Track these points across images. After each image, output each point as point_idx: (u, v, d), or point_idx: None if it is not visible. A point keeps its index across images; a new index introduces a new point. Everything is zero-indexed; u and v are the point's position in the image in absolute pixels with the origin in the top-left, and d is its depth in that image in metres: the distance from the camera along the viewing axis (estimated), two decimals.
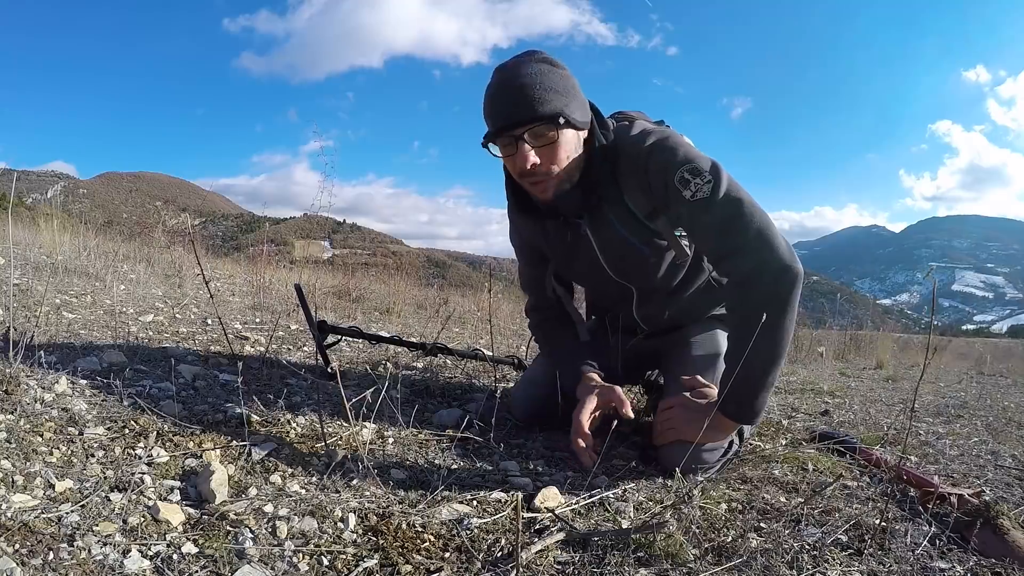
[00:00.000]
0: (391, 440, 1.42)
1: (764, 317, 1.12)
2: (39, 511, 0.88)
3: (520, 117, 1.18)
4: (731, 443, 1.36)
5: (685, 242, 1.40)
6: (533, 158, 1.21)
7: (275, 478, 1.12)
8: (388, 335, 2.22)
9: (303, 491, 1.09)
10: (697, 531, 1.06)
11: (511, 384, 2.18)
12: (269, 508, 1.00)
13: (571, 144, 1.24)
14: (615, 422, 1.25)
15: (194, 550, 0.87)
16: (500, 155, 1.27)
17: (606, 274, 1.48)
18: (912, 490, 1.31)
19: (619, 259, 1.44)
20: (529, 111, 1.18)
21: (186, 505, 0.98)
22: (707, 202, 1.21)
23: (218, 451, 1.19)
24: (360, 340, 2.17)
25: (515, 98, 1.18)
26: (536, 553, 0.95)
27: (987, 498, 1.21)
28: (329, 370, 1.78)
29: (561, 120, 1.18)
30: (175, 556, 0.85)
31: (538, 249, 1.56)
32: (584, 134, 1.28)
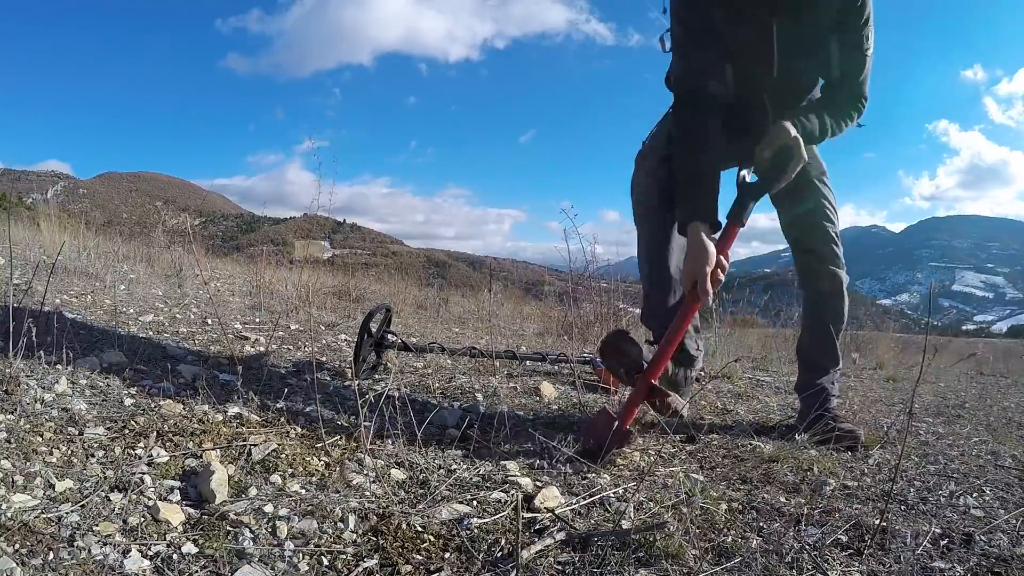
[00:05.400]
0: (391, 440, 1.42)
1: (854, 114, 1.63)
2: (39, 511, 0.88)
3: None
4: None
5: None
6: None
7: (275, 478, 1.12)
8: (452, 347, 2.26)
9: (303, 491, 1.09)
10: (697, 531, 1.06)
11: (509, 383, 2.19)
12: (269, 508, 1.00)
13: None
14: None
15: (194, 550, 0.87)
16: None
17: (771, 65, 1.60)
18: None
19: (789, 52, 1.58)
20: None
21: (186, 505, 0.98)
22: (867, 63, 1.59)
23: (218, 451, 1.19)
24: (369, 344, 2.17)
25: None
26: (536, 553, 0.95)
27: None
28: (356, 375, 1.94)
29: None
30: (175, 556, 0.85)
31: (719, 35, 1.60)
32: None
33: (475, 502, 1.13)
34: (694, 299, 1.46)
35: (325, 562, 0.89)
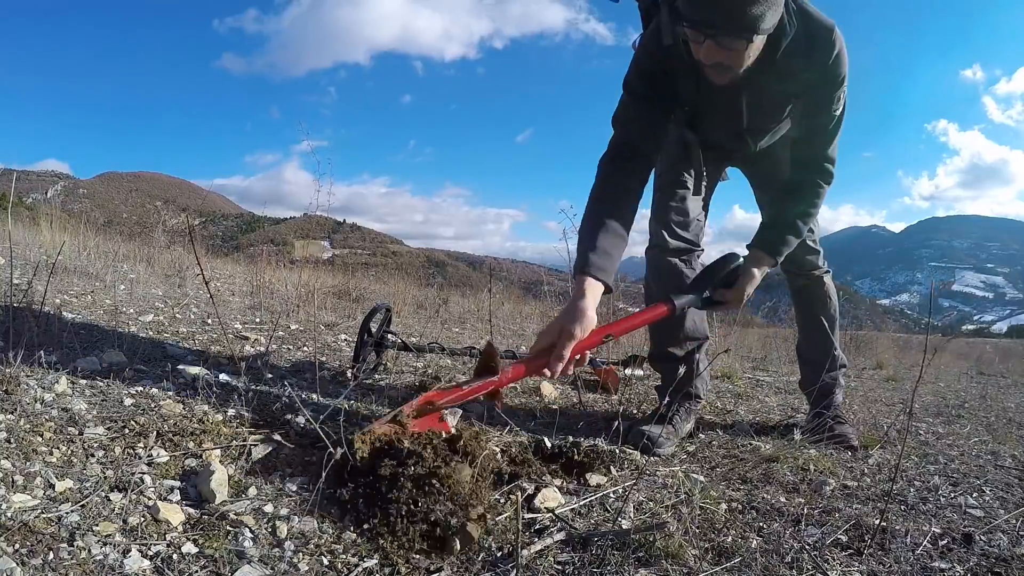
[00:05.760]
0: None
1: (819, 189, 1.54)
2: (39, 511, 0.88)
3: (715, 25, 1.23)
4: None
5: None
6: (717, 57, 1.29)
7: (275, 478, 1.12)
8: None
9: (303, 491, 1.09)
10: (697, 531, 1.06)
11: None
12: (269, 508, 1.00)
13: (756, 47, 1.31)
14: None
15: (194, 550, 0.87)
16: (688, 36, 1.32)
17: (740, 122, 1.56)
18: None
19: (759, 114, 1.54)
20: (726, 26, 1.23)
21: (186, 505, 0.98)
22: (836, 121, 1.50)
23: (218, 451, 1.19)
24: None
25: (717, 5, 1.20)
26: (536, 553, 0.95)
27: None
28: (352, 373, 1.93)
29: (755, 38, 1.26)
30: (175, 556, 0.85)
31: (669, 91, 1.52)
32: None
33: None
34: (544, 362, 1.28)
35: (325, 562, 0.89)
